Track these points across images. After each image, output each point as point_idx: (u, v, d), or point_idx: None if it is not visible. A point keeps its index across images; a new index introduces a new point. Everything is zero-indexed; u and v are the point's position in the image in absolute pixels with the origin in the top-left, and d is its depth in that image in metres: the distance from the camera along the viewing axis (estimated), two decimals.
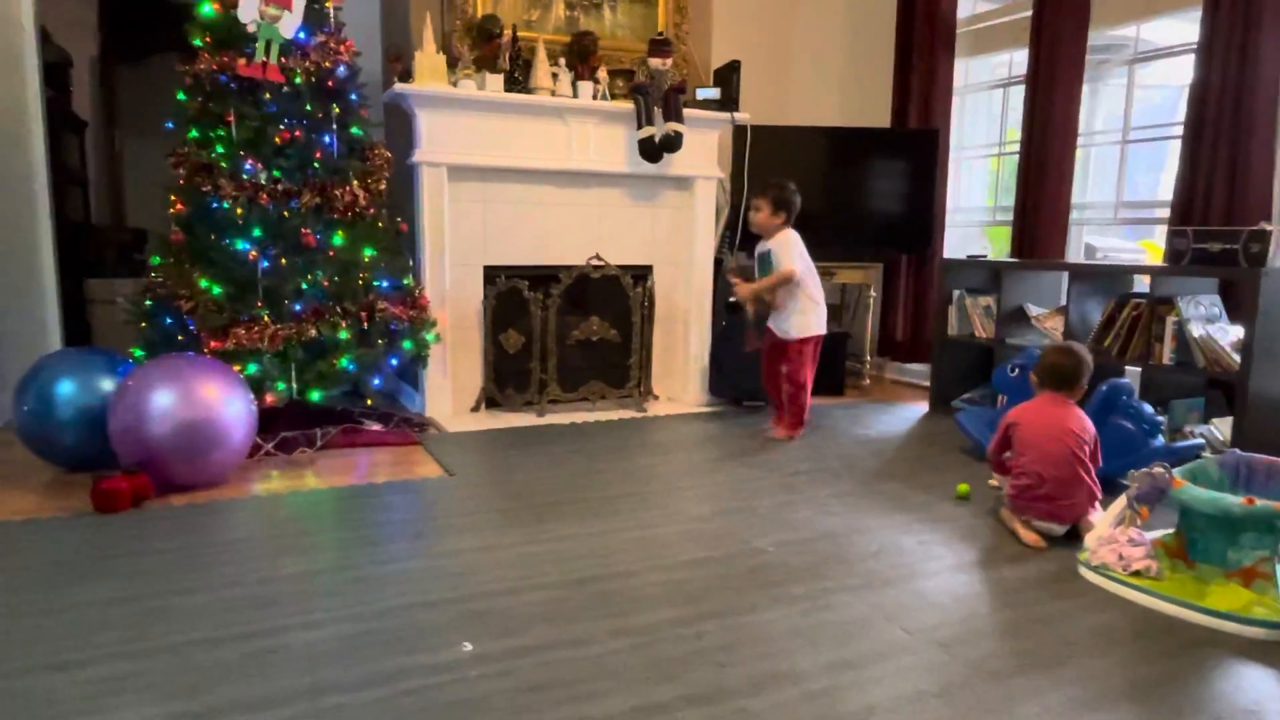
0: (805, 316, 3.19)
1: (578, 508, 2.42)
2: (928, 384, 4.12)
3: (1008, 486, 2.34)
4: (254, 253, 2.85)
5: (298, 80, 2.91)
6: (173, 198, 2.86)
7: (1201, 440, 2.80)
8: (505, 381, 3.63)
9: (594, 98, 3.62)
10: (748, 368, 3.85)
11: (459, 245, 3.51)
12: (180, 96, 2.86)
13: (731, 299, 3.43)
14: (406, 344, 3.15)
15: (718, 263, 4.28)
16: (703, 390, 4.01)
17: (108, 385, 2.59)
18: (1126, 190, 3.71)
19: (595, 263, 3.64)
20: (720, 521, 2.35)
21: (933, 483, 2.77)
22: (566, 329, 3.68)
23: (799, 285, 3.16)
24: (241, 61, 2.83)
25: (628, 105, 3.66)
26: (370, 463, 2.85)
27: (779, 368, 3.29)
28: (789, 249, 3.14)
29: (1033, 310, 3.58)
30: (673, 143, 3.66)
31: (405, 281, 3.18)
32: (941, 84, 4.31)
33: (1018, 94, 4.08)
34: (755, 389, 3.84)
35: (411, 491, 2.54)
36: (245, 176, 2.85)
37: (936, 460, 3.08)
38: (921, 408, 3.99)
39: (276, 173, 2.91)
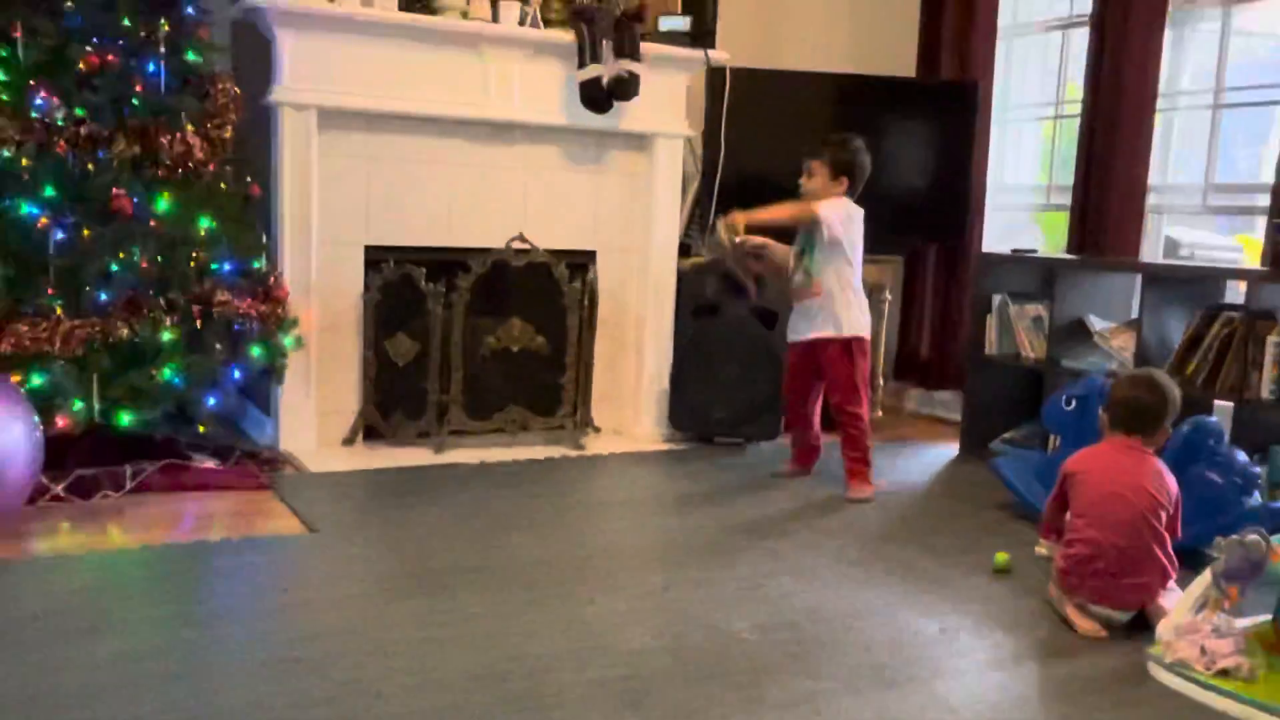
0: (850, 310, 3.24)
1: (487, 578, 2.41)
2: (958, 418, 4.18)
3: (1058, 556, 2.40)
4: (44, 220, 2.80)
5: None
6: None
7: None
8: (392, 405, 3.62)
9: (522, 23, 3.62)
10: (722, 392, 3.87)
11: (332, 217, 3.49)
12: None
13: (706, 254, 3.46)
14: (255, 350, 3.13)
15: (684, 250, 4.31)
16: (660, 422, 4.02)
17: None
18: (1219, 169, 3.83)
19: (518, 246, 3.62)
20: (677, 597, 2.36)
21: (962, 549, 2.81)
22: (478, 335, 3.67)
23: (841, 262, 3.20)
24: None
25: (567, 36, 3.67)
26: (201, 513, 2.82)
27: (810, 386, 3.33)
28: (835, 208, 3.19)
29: (1096, 324, 3.68)
30: (626, 87, 3.67)
31: (255, 265, 3.15)
32: (982, 24, 4.41)
33: (1080, 39, 4.19)
34: (732, 420, 3.87)
35: (259, 553, 2.52)
36: (35, 115, 2.81)
37: (967, 520, 3.12)
38: (949, 450, 4.05)
39: (80, 111, 2.87)
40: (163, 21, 2.97)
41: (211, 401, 3.07)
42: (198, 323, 2.96)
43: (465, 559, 2.53)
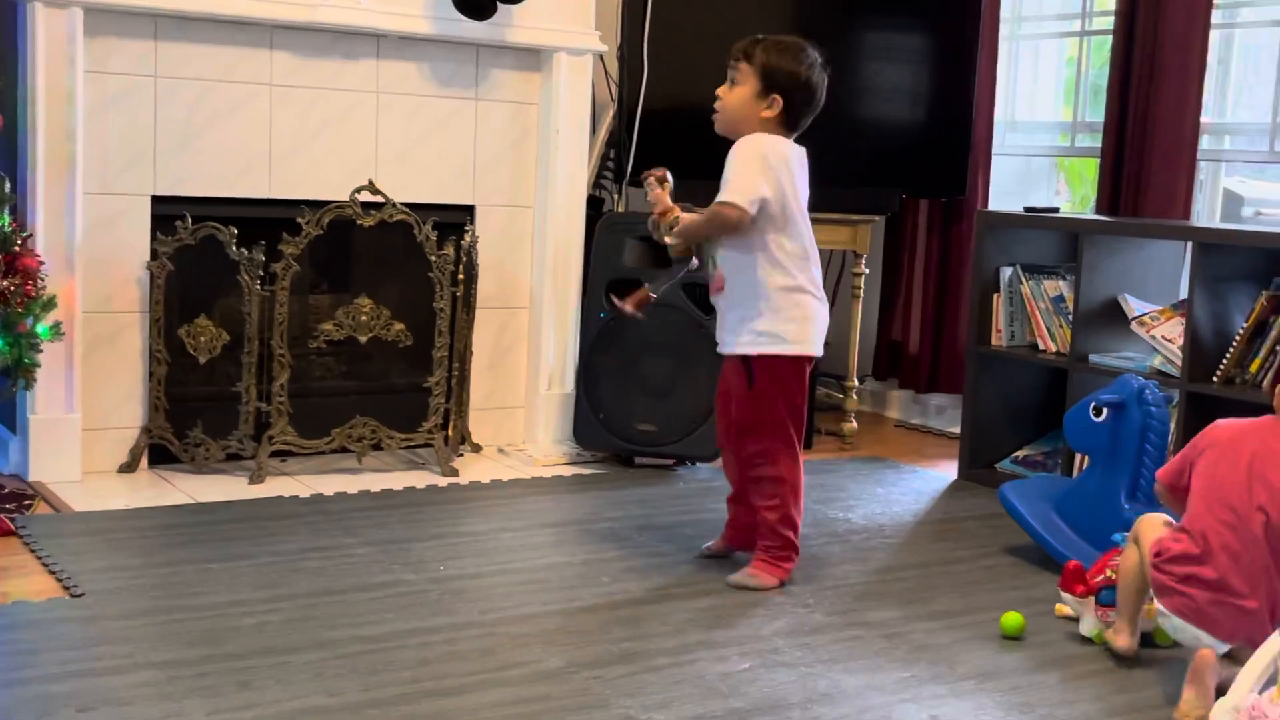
0: (779, 315, 2.85)
1: (318, 661, 2.36)
2: (956, 431, 4.19)
3: (1151, 544, 2.40)
4: None
5: None
6: None
7: None
8: (190, 417, 3.57)
9: None
10: (647, 398, 3.85)
11: (105, 158, 3.45)
12: None
13: (671, 239, 2.94)
14: None
15: (594, 206, 4.25)
16: (562, 437, 4.02)
17: None
18: None
19: (367, 199, 3.60)
20: (584, 679, 2.33)
21: (961, 609, 2.81)
22: (311, 320, 3.64)
23: (763, 247, 2.83)
24: None
25: None
26: None
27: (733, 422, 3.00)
28: (751, 162, 2.81)
29: (1135, 306, 3.70)
30: None
31: None
32: None
33: None
34: (660, 435, 3.86)
35: None
36: None
37: (967, 568, 3.12)
38: (945, 473, 4.07)
39: None
40: None
41: None
42: None
43: (281, 637, 2.47)
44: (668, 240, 2.94)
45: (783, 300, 2.84)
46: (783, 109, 2.85)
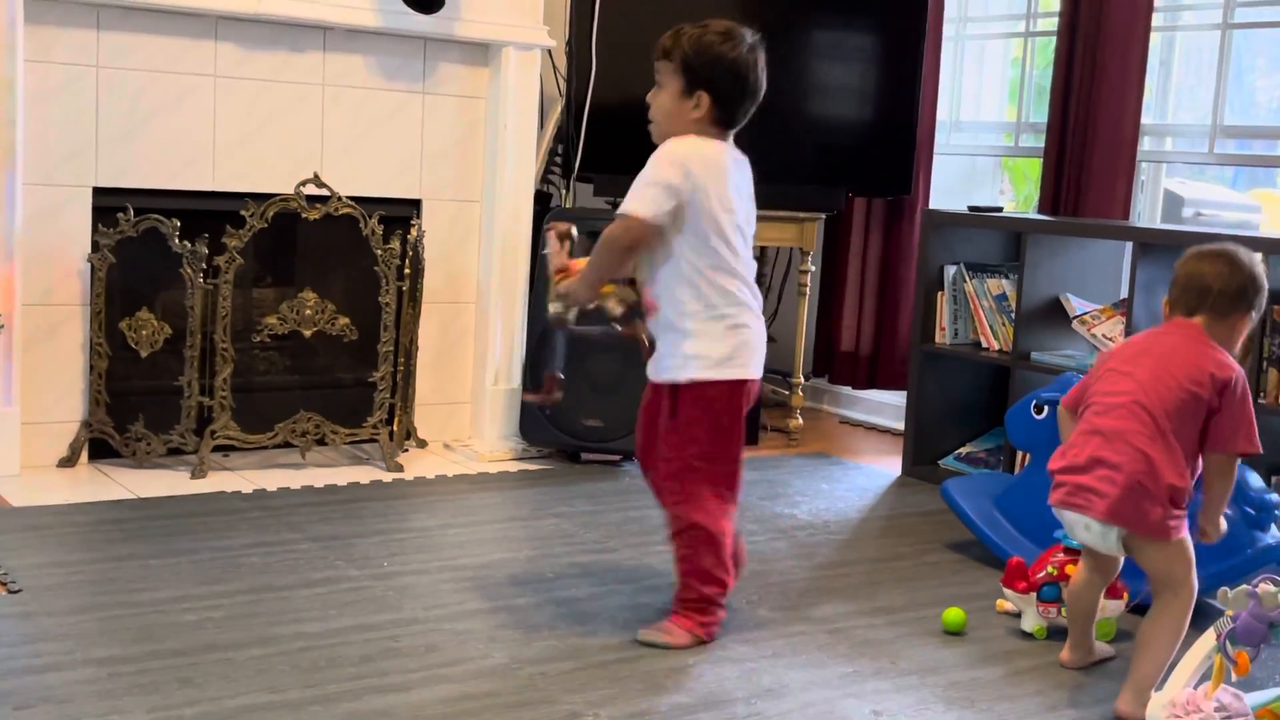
0: (708, 337, 2.51)
1: (261, 658, 2.35)
2: (900, 428, 4.22)
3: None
4: None
5: None
6: None
7: None
8: (132, 410, 3.57)
9: None
10: (594, 392, 3.86)
11: (45, 148, 3.44)
12: None
13: (553, 305, 2.65)
14: None
15: (542, 201, 4.23)
16: (509, 433, 4.03)
17: None
18: (1229, 107, 3.91)
19: (312, 192, 3.58)
20: (529, 675, 2.33)
21: (904, 605, 2.82)
22: (255, 314, 3.62)
23: (688, 263, 2.49)
24: None
25: None
26: None
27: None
28: (659, 169, 2.48)
29: (1076, 305, 3.73)
30: None
31: None
32: None
33: None
34: (607, 430, 3.86)
35: None
36: None
37: (910, 564, 3.14)
38: (889, 470, 4.09)
39: None
40: None
41: None
42: None
43: (224, 634, 2.45)
44: (550, 306, 2.64)
45: (713, 319, 2.51)
46: (712, 105, 2.51)
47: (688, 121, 2.51)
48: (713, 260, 2.49)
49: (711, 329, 2.50)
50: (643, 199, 2.46)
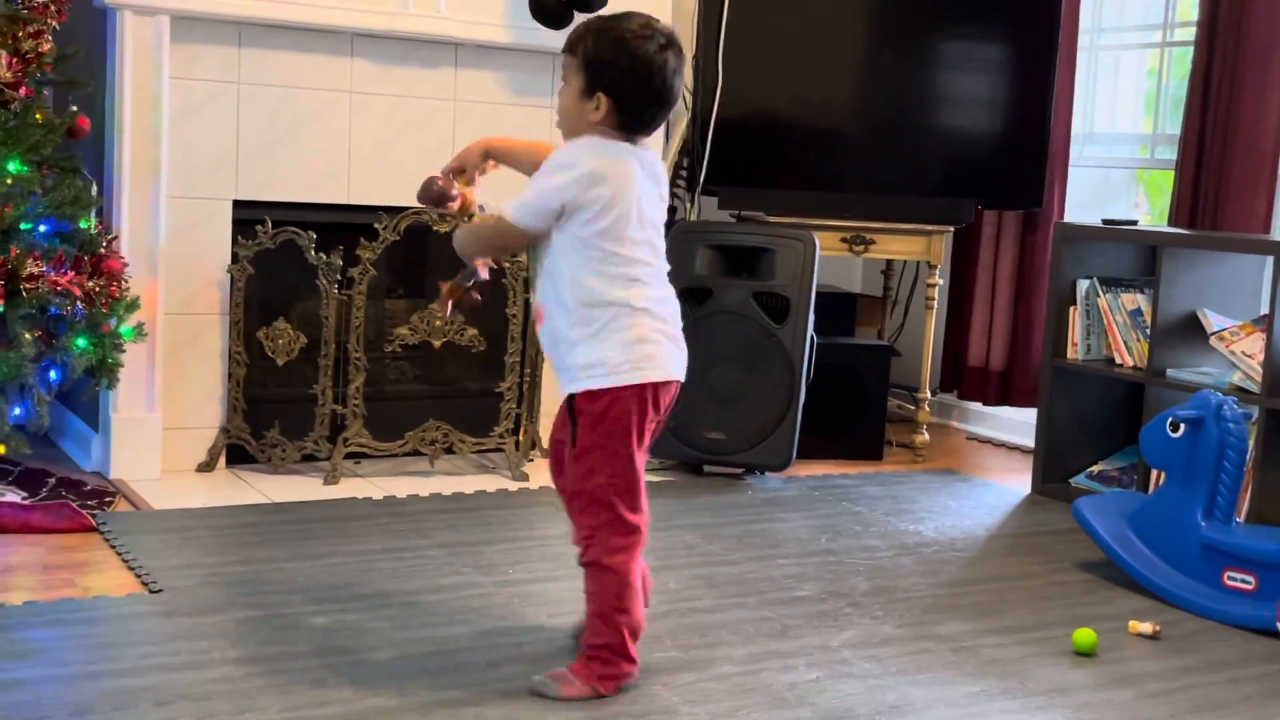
0: (601, 340, 2.28)
1: (389, 661, 2.38)
2: (1029, 445, 4.16)
3: None
4: None
5: None
6: None
7: None
8: (268, 417, 3.60)
9: None
10: (718, 405, 3.85)
11: (188, 163, 3.49)
12: None
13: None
14: (81, 342, 3.09)
15: (667, 214, 4.24)
16: None
17: None
18: None
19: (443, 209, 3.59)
20: (651, 686, 2.33)
21: (1033, 624, 2.79)
22: (387, 324, 3.64)
23: (580, 264, 2.28)
24: None
25: None
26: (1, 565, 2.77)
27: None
28: (548, 173, 2.30)
29: (1214, 320, 3.64)
30: None
31: (83, 225, 3.12)
32: None
33: None
34: (731, 444, 3.85)
35: (78, 622, 2.48)
36: None
37: (1040, 583, 3.09)
38: (1019, 488, 4.03)
39: None
40: None
41: (17, 412, 3.02)
42: None
43: (354, 637, 2.49)
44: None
45: (606, 320, 2.27)
46: (612, 108, 2.26)
47: (587, 123, 2.30)
48: (614, 261, 2.28)
49: (607, 335, 2.27)
50: (524, 206, 2.28)
